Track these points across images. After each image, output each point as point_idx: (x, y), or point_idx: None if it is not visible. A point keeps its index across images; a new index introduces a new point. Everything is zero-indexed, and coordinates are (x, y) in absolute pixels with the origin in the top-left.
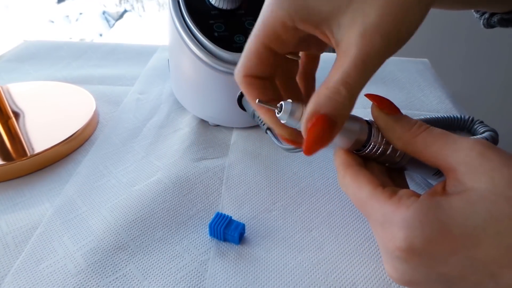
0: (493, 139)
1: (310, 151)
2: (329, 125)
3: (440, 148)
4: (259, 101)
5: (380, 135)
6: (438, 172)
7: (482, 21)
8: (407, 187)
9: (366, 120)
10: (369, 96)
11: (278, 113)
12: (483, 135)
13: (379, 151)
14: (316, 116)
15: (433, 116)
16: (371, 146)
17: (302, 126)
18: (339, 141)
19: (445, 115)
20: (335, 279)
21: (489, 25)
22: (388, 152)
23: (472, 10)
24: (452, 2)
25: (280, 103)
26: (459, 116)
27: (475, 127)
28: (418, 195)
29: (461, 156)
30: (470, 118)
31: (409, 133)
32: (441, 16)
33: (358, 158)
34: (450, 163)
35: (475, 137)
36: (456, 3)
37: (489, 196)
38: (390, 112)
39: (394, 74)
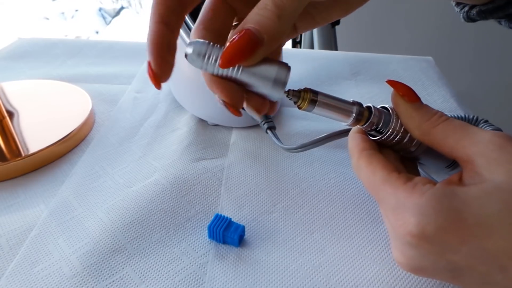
0: None
1: (225, 62)
2: (252, 39)
3: (459, 139)
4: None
5: (399, 123)
6: (451, 165)
7: (461, 14)
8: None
9: (386, 107)
10: (390, 82)
11: (187, 54)
12: None
13: (396, 139)
14: (241, 30)
15: None
16: (389, 132)
17: (227, 42)
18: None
19: (449, 115)
20: (337, 283)
21: (469, 18)
22: (404, 141)
23: (453, 3)
24: None
25: (188, 42)
26: (463, 115)
27: (480, 126)
28: (434, 183)
29: (479, 148)
30: (475, 117)
31: (428, 123)
32: (445, 13)
33: (373, 143)
34: (468, 155)
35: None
36: None
37: (506, 187)
38: (411, 100)
39: (397, 72)
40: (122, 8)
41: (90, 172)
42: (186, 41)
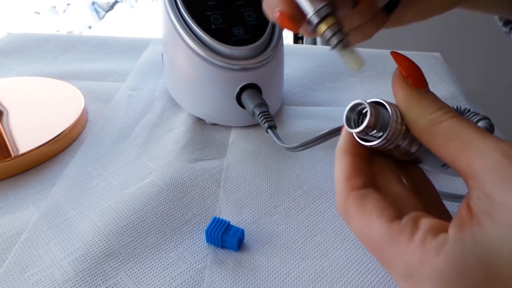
0: (491, 127)
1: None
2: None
3: (464, 146)
4: None
5: (399, 120)
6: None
7: (506, 28)
8: (429, 187)
9: (382, 102)
10: (394, 55)
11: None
12: (478, 124)
13: (394, 144)
14: None
15: None
16: (388, 136)
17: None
18: None
19: None
20: None
21: None
22: (404, 144)
23: (496, 17)
24: (483, 4)
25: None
26: (454, 106)
27: (466, 116)
28: (445, 228)
29: (488, 161)
30: (461, 108)
31: (429, 118)
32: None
33: (363, 152)
34: (473, 168)
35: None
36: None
37: None
38: (415, 84)
39: None
40: (116, 2)
41: (82, 174)
42: (187, 42)
